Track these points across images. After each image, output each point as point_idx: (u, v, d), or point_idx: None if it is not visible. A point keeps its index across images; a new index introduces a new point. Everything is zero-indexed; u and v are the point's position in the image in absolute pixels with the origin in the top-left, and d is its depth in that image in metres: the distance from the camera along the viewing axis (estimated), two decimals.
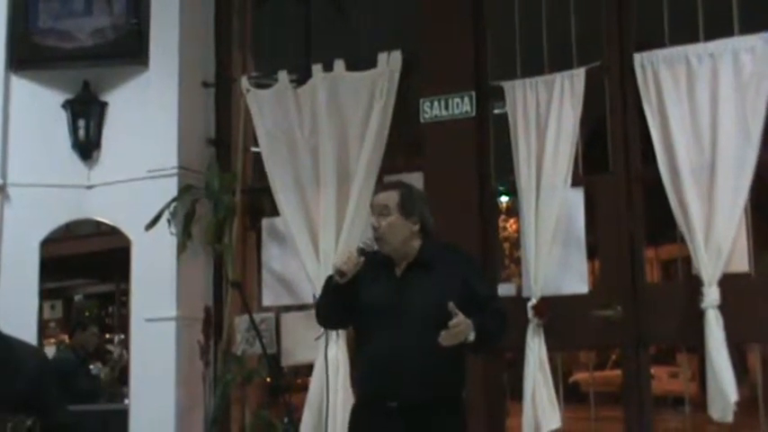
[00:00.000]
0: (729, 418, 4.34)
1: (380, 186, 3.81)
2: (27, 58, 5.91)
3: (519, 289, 5.02)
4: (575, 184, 4.86)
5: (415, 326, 3.46)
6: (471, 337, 3.38)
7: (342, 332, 4.95)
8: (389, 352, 3.48)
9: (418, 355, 3.44)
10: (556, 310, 4.75)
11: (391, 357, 3.47)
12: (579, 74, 4.87)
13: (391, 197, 3.62)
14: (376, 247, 3.61)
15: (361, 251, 3.57)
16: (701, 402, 4.66)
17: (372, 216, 3.64)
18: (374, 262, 3.60)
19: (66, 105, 5.87)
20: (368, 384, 3.63)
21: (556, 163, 4.84)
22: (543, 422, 4.69)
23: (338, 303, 3.62)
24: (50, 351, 6.12)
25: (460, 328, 3.34)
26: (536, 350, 4.75)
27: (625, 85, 4.85)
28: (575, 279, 4.85)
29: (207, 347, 5.55)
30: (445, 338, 3.33)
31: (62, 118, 5.88)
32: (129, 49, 5.86)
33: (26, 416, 3.55)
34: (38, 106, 5.89)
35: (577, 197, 4.88)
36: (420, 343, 3.42)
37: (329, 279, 3.64)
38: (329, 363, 4.73)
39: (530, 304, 4.77)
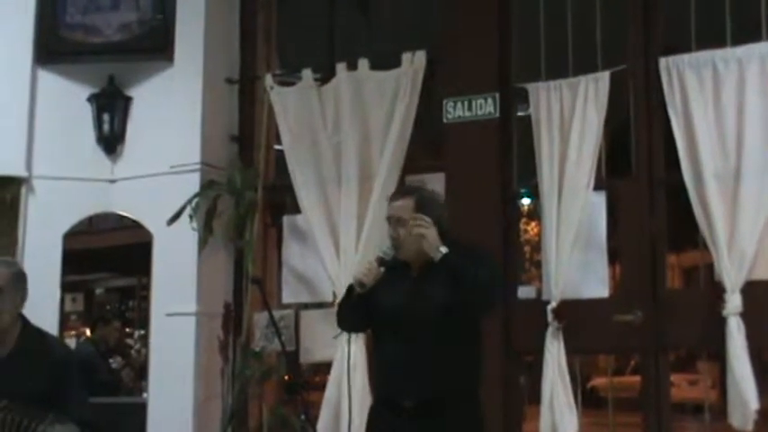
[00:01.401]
0: (749, 426, 4.30)
1: (395, 193, 3.77)
2: (54, 51, 5.95)
3: (539, 292, 4.99)
4: (597, 187, 4.83)
5: (428, 326, 3.46)
6: (436, 254, 3.40)
7: None
8: (403, 353, 3.48)
9: (432, 355, 3.44)
10: (576, 314, 4.73)
11: (405, 358, 3.47)
12: (604, 77, 4.84)
13: (407, 205, 3.59)
14: (393, 254, 3.59)
15: (381, 261, 3.56)
16: (720, 410, 4.63)
17: (390, 226, 3.62)
18: (390, 265, 3.60)
19: (92, 99, 5.91)
20: (384, 384, 3.64)
21: (579, 166, 4.82)
22: (561, 427, 4.67)
23: (359, 310, 3.63)
24: (71, 343, 6.14)
25: (421, 226, 3.41)
26: (555, 354, 4.73)
27: (650, 89, 4.82)
28: (595, 283, 4.83)
29: (226, 343, 5.57)
30: (413, 227, 3.42)
31: (87, 112, 5.92)
32: (154, 45, 5.89)
33: (48, 406, 3.58)
34: (63, 100, 5.92)
35: (600, 201, 4.86)
36: (434, 343, 3.43)
37: (350, 288, 3.64)
38: (347, 361, 4.72)
39: (549, 307, 4.75)
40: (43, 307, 5.32)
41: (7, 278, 3.75)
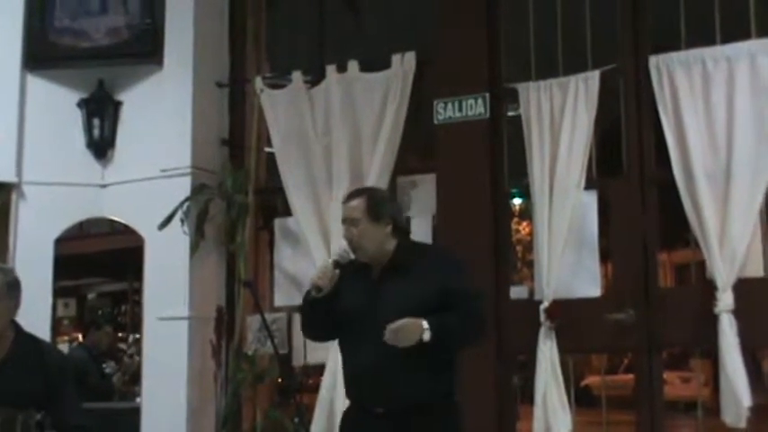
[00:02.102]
0: (742, 423, 4.31)
1: (347, 195, 3.74)
2: (43, 56, 5.94)
3: (531, 292, 5.00)
4: (588, 186, 4.84)
5: None
6: (426, 336, 3.30)
7: None
8: (369, 358, 3.42)
9: (396, 360, 3.35)
10: (568, 314, 4.73)
11: (371, 364, 3.42)
12: (594, 76, 4.85)
13: (358, 206, 3.56)
14: (352, 256, 3.55)
15: (336, 263, 3.52)
16: (713, 407, 4.64)
17: (344, 227, 3.59)
18: (351, 269, 3.55)
19: (81, 104, 5.90)
20: (352, 391, 3.58)
21: (569, 166, 4.83)
22: (554, 425, 4.67)
23: (320, 317, 3.57)
24: (63, 348, 6.13)
25: (405, 329, 3.29)
26: (548, 353, 4.74)
27: (640, 88, 4.83)
28: (587, 282, 4.84)
29: (219, 347, 5.57)
30: (389, 338, 3.29)
31: (77, 117, 5.91)
32: (143, 49, 5.88)
33: (39, 410, 3.58)
34: (53, 105, 5.92)
35: (591, 200, 4.87)
36: (397, 348, 3.33)
37: (307, 294, 3.59)
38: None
39: (542, 307, 4.75)
40: (36, 312, 5.28)
41: (1, 285, 3.74)
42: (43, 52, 5.94)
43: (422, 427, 3.40)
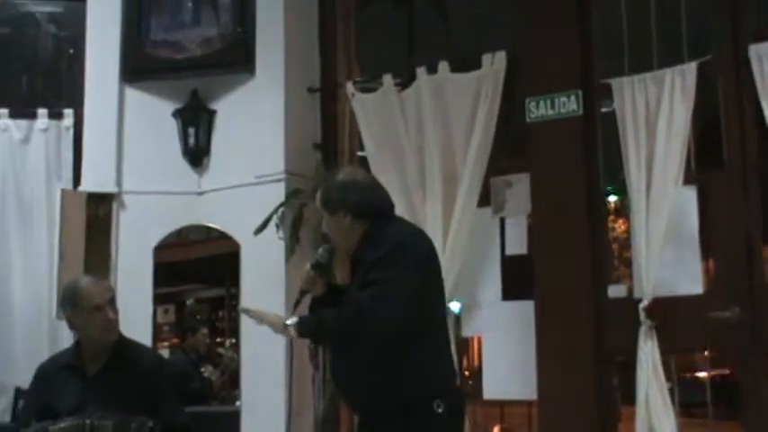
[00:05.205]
0: None
1: None
2: (139, 69, 6.09)
3: (630, 290, 4.90)
4: (687, 181, 4.71)
5: None
6: (291, 332, 3.22)
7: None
8: (335, 365, 3.39)
9: (360, 365, 3.24)
10: (669, 312, 4.62)
11: (336, 371, 3.39)
12: (690, 68, 4.72)
13: (317, 199, 3.46)
14: (328, 254, 3.47)
15: (315, 265, 3.45)
16: None
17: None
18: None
19: (177, 114, 6.02)
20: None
21: (667, 161, 4.71)
22: (657, 427, 4.57)
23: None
24: (164, 354, 6.25)
25: (265, 318, 3.30)
26: (649, 353, 4.63)
27: (740, 79, 4.68)
28: (688, 279, 4.71)
29: (316, 351, 5.59)
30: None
31: (173, 126, 6.03)
32: (236, 58, 5.98)
33: (146, 416, 3.65)
34: (149, 116, 6.06)
35: (690, 195, 4.74)
36: (358, 352, 3.23)
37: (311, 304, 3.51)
38: None
39: (641, 306, 4.65)
40: (137, 319, 5.43)
41: (113, 297, 3.88)
42: (140, 65, 6.09)
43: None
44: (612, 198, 5.76)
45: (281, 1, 5.91)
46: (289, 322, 3.24)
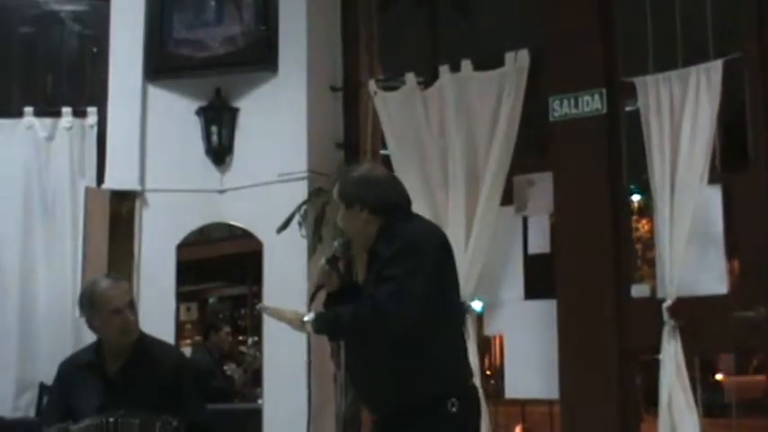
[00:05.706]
0: None
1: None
2: (162, 67, 6.11)
3: (653, 290, 4.87)
4: (711, 181, 4.67)
5: None
6: (309, 328, 3.24)
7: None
8: (350, 364, 3.36)
9: (372, 365, 3.25)
10: (693, 312, 4.59)
11: (351, 370, 3.37)
12: (716, 66, 4.67)
13: (335, 193, 3.43)
14: (342, 247, 3.46)
15: (330, 259, 3.43)
16: None
17: None
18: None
19: (200, 112, 6.03)
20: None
21: (691, 160, 4.67)
22: (681, 429, 4.53)
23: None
24: (186, 352, 6.29)
25: (282, 315, 3.31)
26: (672, 353, 4.59)
27: (766, 77, 4.64)
28: (713, 279, 4.67)
29: (338, 348, 5.58)
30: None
31: (196, 125, 6.05)
32: (258, 56, 5.99)
33: (168, 414, 3.66)
34: (172, 114, 6.07)
35: (715, 195, 4.70)
36: (369, 352, 3.23)
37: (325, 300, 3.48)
38: None
39: (665, 305, 4.61)
40: (160, 317, 5.47)
41: (132, 299, 3.90)
42: (163, 63, 6.11)
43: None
44: (636, 197, 5.72)
45: None
46: (306, 319, 3.25)
